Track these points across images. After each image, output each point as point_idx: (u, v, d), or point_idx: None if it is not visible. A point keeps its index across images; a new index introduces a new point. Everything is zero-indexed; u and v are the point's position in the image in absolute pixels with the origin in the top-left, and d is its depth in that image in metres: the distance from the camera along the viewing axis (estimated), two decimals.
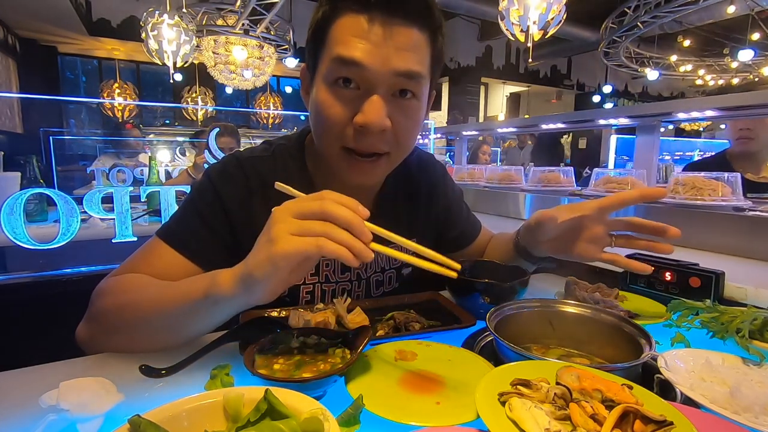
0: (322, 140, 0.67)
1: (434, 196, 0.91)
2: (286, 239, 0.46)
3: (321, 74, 0.63)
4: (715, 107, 1.31)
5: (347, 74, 0.60)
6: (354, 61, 0.58)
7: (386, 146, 0.65)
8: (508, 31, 3.58)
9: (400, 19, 0.59)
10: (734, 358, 0.55)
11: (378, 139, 0.63)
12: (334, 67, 0.60)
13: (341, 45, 0.59)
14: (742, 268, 0.95)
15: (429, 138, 3.26)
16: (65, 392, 0.44)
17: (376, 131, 0.61)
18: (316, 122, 0.66)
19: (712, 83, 9.75)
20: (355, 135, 0.62)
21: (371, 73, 0.59)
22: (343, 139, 0.63)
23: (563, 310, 0.63)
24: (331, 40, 0.61)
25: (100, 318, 0.62)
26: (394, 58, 0.59)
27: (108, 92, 7.29)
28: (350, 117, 0.61)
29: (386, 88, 0.61)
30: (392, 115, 0.62)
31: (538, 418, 0.36)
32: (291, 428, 0.34)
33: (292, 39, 6.10)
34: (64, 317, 0.69)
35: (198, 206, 0.71)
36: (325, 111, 0.62)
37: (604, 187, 1.46)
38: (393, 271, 0.87)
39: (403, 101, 0.63)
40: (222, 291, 0.50)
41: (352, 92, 0.61)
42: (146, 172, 2.43)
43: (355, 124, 0.61)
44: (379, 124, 0.60)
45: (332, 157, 0.67)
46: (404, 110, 0.63)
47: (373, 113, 0.59)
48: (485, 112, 10.41)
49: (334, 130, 0.63)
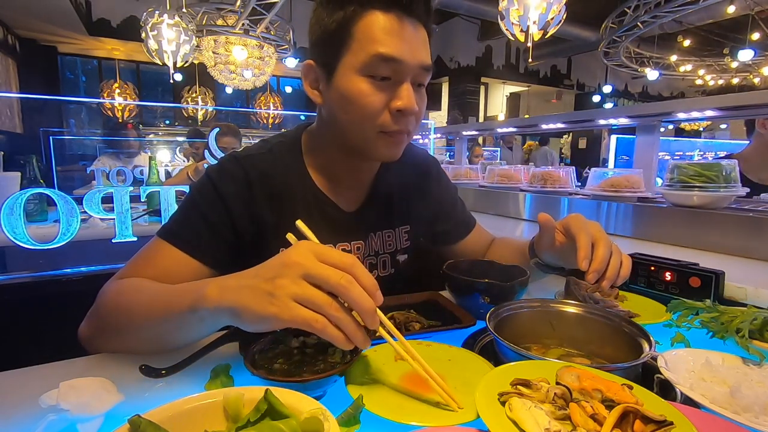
0: (358, 126, 0.70)
1: (427, 188, 0.94)
2: (287, 305, 0.43)
3: (352, 67, 0.67)
4: (715, 107, 1.31)
5: (386, 70, 0.66)
6: (394, 57, 0.65)
7: (411, 127, 0.73)
8: (508, 31, 3.58)
9: (415, 18, 0.68)
10: (734, 358, 0.55)
11: (409, 120, 0.71)
12: (374, 62, 0.66)
13: (379, 43, 0.65)
14: (742, 268, 0.95)
15: (429, 138, 3.26)
16: (65, 392, 0.44)
17: (411, 114, 0.69)
18: (349, 110, 0.69)
19: (712, 83, 9.75)
20: (392, 118, 0.69)
21: (405, 66, 0.67)
22: (382, 124, 0.69)
23: (563, 310, 0.63)
24: (363, 36, 0.66)
25: (97, 319, 0.62)
26: (419, 52, 0.68)
27: (108, 92, 7.30)
28: (386, 103, 0.68)
29: (412, 78, 0.69)
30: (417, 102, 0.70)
31: (538, 418, 0.36)
32: (291, 428, 0.34)
33: (292, 39, 6.10)
34: (64, 317, 0.69)
35: (198, 204, 0.71)
36: (361, 99, 0.67)
37: (603, 187, 1.46)
38: (387, 256, 0.88)
39: (419, 89, 0.72)
40: (207, 309, 0.48)
41: (386, 82, 0.68)
42: (146, 172, 2.43)
43: (393, 108, 0.68)
44: (414, 108, 0.69)
45: (368, 139, 0.71)
46: (421, 96, 0.72)
47: (410, 99, 0.68)
48: (485, 112, 10.41)
49: (372, 116, 0.69)
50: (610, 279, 0.63)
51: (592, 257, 0.63)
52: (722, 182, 1.17)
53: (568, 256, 0.71)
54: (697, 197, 1.18)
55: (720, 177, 1.17)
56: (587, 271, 0.62)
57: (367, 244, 0.84)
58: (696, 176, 1.19)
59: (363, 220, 0.83)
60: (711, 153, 5.48)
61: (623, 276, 0.64)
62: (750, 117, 1.67)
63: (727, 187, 1.17)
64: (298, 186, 0.77)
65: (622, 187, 1.42)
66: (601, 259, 0.63)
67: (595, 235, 0.65)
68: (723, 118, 1.63)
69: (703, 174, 1.18)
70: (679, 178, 1.22)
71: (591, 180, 1.54)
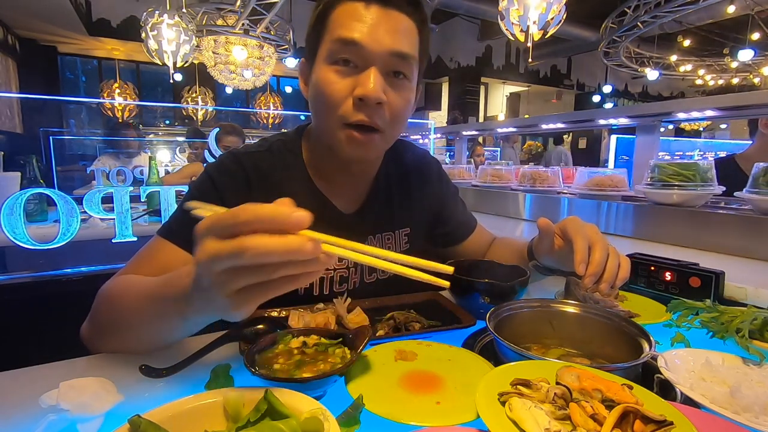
0: (324, 117, 0.69)
1: (428, 190, 0.93)
2: (240, 302, 0.39)
3: (321, 57, 0.67)
4: (715, 107, 1.31)
5: (346, 53, 0.65)
6: (353, 40, 0.64)
7: (381, 121, 0.68)
8: (508, 31, 3.58)
9: (393, 7, 0.66)
10: (734, 358, 0.55)
11: (374, 111, 0.66)
12: (335, 47, 0.65)
13: (341, 28, 0.65)
14: (742, 268, 0.95)
15: (429, 138, 3.27)
16: (65, 392, 0.44)
17: (373, 103, 0.65)
18: (316, 101, 0.69)
19: (712, 83, 9.76)
20: (354, 108, 0.66)
21: (367, 51, 0.64)
22: (344, 114, 0.66)
23: (563, 310, 0.63)
24: (332, 25, 0.66)
25: (94, 318, 0.62)
26: (388, 38, 0.65)
27: (108, 92, 7.30)
28: (350, 91, 0.66)
29: (381, 65, 0.66)
30: (387, 92, 0.66)
31: (538, 418, 0.36)
32: (291, 428, 0.34)
33: (292, 39, 6.10)
34: (63, 317, 0.69)
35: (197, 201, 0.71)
36: (326, 87, 0.66)
37: (588, 186, 1.52)
38: None
39: (396, 80, 0.68)
40: (186, 318, 0.47)
41: (351, 69, 0.66)
42: (146, 172, 2.43)
43: (355, 96, 0.65)
44: (376, 96, 0.64)
45: (332, 133, 0.69)
46: (397, 89, 0.68)
47: (371, 85, 0.64)
48: (485, 111, 10.41)
49: (334, 105, 0.66)
50: (608, 281, 0.62)
51: (589, 261, 0.63)
52: (699, 181, 1.22)
53: (565, 259, 0.70)
54: (676, 195, 1.22)
55: (697, 176, 1.22)
56: (584, 276, 0.62)
57: None
58: (675, 175, 1.24)
59: (362, 222, 0.83)
60: (711, 153, 5.49)
61: (622, 278, 0.64)
62: (750, 117, 1.67)
63: (704, 185, 1.21)
64: (296, 186, 0.77)
65: (606, 186, 1.48)
66: (597, 262, 0.62)
67: (591, 239, 0.65)
68: (723, 118, 1.64)
69: (681, 173, 1.23)
70: (660, 177, 1.26)
71: (577, 179, 1.59)
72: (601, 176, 1.51)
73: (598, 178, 1.51)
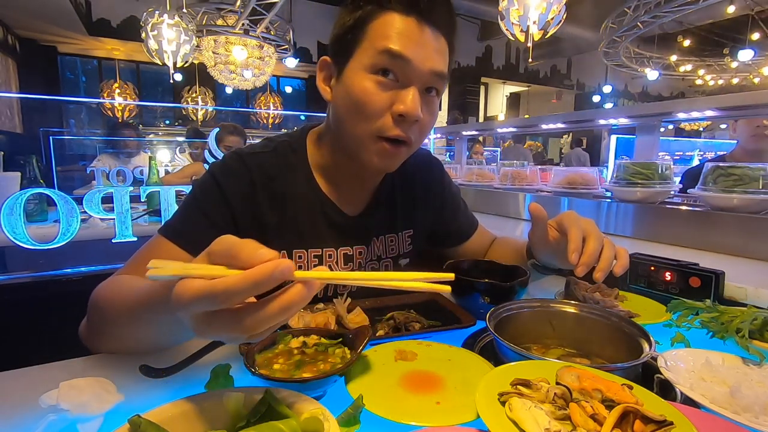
0: (356, 126, 0.68)
1: (431, 191, 0.93)
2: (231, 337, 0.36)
3: (361, 65, 0.66)
4: (715, 107, 1.31)
5: (392, 66, 0.65)
6: (402, 55, 0.64)
7: (413, 136, 0.70)
8: (508, 31, 3.58)
9: (433, 26, 0.66)
10: (734, 358, 0.55)
11: (409, 127, 0.68)
12: (381, 58, 0.65)
13: (389, 39, 0.64)
14: (742, 268, 0.95)
15: (429, 138, 3.27)
16: (65, 392, 0.44)
17: (412, 120, 0.66)
18: (351, 109, 0.68)
19: (712, 83, 9.76)
20: (393, 122, 0.67)
21: (413, 68, 0.65)
22: (381, 127, 0.67)
23: (563, 310, 0.63)
24: (374, 33, 0.65)
25: (91, 318, 0.62)
26: (432, 58, 0.66)
27: (108, 92, 7.30)
28: (388, 105, 0.66)
29: (421, 84, 0.67)
30: (422, 108, 0.67)
31: (538, 418, 0.36)
32: (291, 428, 0.34)
33: (292, 39, 6.10)
34: (64, 317, 0.69)
35: (200, 202, 0.71)
36: (364, 97, 0.66)
37: (561, 183, 1.62)
38: (389, 260, 0.87)
39: (429, 96, 0.69)
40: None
41: (392, 83, 0.66)
42: (146, 172, 2.43)
43: (395, 112, 0.66)
44: (416, 114, 0.66)
45: (363, 144, 0.69)
46: (429, 105, 0.70)
47: (414, 104, 0.65)
48: (485, 112, 10.41)
49: (372, 117, 0.67)
50: (603, 271, 0.62)
51: (582, 251, 0.63)
52: (657, 179, 1.29)
53: (562, 254, 0.70)
54: (639, 192, 1.29)
55: (656, 175, 1.29)
56: (576, 264, 0.62)
57: (369, 249, 0.83)
58: (636, 174, 1.31)
59: (366, 224, 0.82)
60: (711, 153, 5.49)
61: (622, 265, 0.64)
62: (750, 117, 1.68)
63: (662, 183, 1.29)
64: (301, 187, 0.77)
65: (577, 184, 1.57)
66: (591, 252, 0.63)
67: (586, 230, 0.66)
68: (723, 118, 1.65)
69: (642, 172, 1.31)
70: (624, 176, 1.34)
71: (552, 177, 1.68)
72: (573, 174, 1.60)
73: (571, 176, 1.60)
